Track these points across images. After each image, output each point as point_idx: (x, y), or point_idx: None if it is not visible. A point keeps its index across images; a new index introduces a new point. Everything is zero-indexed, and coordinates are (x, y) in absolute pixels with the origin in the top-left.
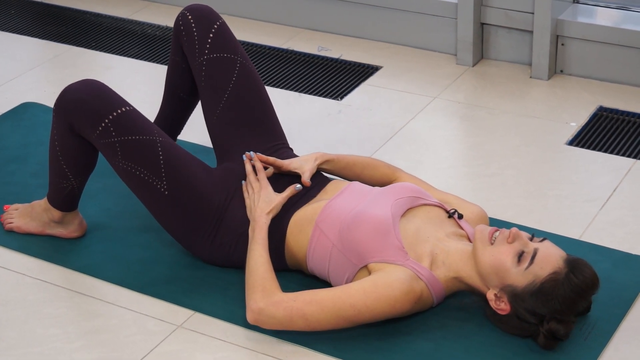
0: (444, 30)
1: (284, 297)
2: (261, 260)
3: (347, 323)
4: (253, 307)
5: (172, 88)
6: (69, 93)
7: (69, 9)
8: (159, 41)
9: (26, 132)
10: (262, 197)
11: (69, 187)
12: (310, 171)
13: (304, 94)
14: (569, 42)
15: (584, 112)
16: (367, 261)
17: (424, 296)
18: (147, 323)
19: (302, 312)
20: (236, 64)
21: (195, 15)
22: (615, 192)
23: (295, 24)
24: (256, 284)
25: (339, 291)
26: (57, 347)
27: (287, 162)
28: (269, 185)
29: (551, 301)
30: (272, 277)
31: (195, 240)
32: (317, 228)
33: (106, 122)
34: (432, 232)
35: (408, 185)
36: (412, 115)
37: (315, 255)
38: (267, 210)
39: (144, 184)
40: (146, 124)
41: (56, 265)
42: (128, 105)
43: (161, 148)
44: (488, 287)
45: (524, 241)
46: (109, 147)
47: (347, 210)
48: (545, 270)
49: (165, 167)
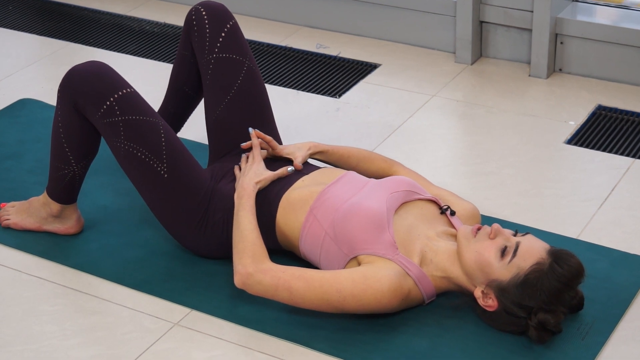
0: (442, 28)
1: (273, 266)
2: (250, 227)
3: (330, 307)
4: (242, 271)
5: (178, 83)
6: (74, 73)
7: (67, 5)
8: (157, 38)
9: (23, 128)
10: (253, 169)
11: (69, 174)
12: (302, 157)
13: (302, 92)
14: (568, 40)
15: (582, 110)
16: (357, 252)
17: (412, 294)
18: (143, 320)
19: (288, 284)
20: (244, 66)
21: (209, 12)
22: (613, 192)
23: (293, 21)
24: (246, 249)
25: (328, 274)
26: (53, 344)
27: (280, 147)
28: (262, 162)
29: (537, 292)
30: (262, 244)
31: (187, 229)
32: (311, 214)
33: (111, 101)
34: (424, 231)
35: (404, 179)
36: (411, 113)
37: (308, 241)
38: (256, 180)
39: (144, 166)
40: (149, 107)
41: (52, 262)
42: (132, 88)
43: (163, 131)
44: (475, 285)
45: (506, 236)
46: (112, 126)
47: (343, 200)
48: (528, 261)
49: (166, 150)
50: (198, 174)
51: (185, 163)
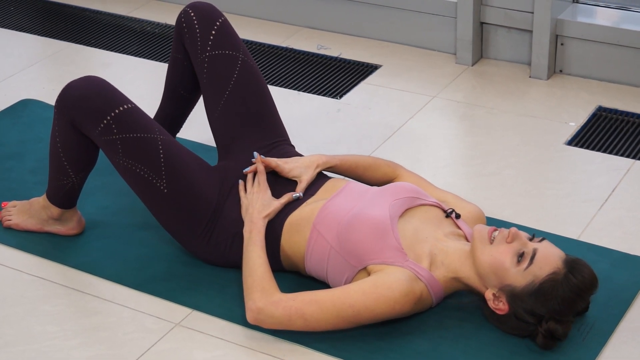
0: (443, 29)
1: (282, 296)
2: (259, 262)
3: (346, 323)
4: (252, 307)
5: (173, 85)
6: (70, 90)
7: (68, 6)
8: (157, 39)
9: (24, 129)
10: (260, 200)
11: (69, 184)
12: (307, 182)
13: (303, 93)
14: (568, 41)
15: (583, 112)
16: (366, 263)
17: (424, 297)
18: (145, 321)
19: (301, 311)
20: (238, 60)
21: (197, 13)
22: (614, 192)
23: (294, 22)
24: (255, 284)
25: (338, 292)
26: (55, 344)
27: (287, 169)
28: (268, 190)
29: (550, 301)
30: (271, 277)
31: (191, 239)
32: (315, 230)
33: (108, 120)
34: (431, 232)
35: (406, 185)
36: (411, 115)
37: (313, 258)
38: (265, 213)
39: (143, 182)
40: (148, 121)
41: (54, 263)
42: (130, 103)
43: (162, 146)
44: (486, 286)
45: (523, 241)
46: (110, 144)
47: (345, 212)
48: (544, 270)
49: (165, 166)
50: (201, 189)
51: (187, 179)
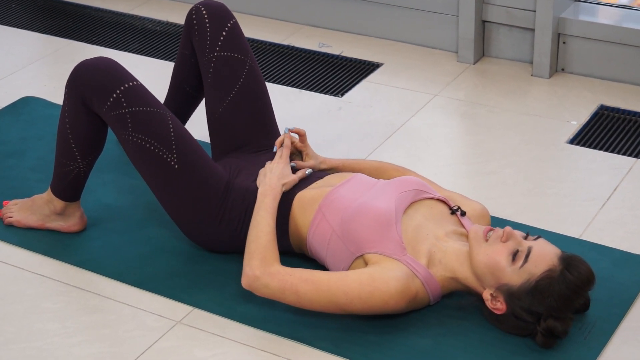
0: (445, 27)
1: (280, 269)
2: (267, 229)
3: (337, 309)
4: (249, 273)
5: (179, 81)
6: (82, 66)
7: (69, 4)
8: (159, 36)
9: (25, 126)
10: (281, 169)
11: (74, 171)
12: (315, 161)
13: (305, 91)
14: (570, 40)
15: (584, 110)
16: (363, 251)
17: (420, 295)
18: (146, 319)
19: (295, 287)
20: (245, 65)
21: (209, 12)
22: (615, 191)
23: (296, 20)
24: (257, 251)
25: (335, 277)
26: (56, 341)
27: (307, 146)
28: (289, 164)
29: (547, 299)
30: (274, 247)
31: (202, 220)
32: (320, 212)
33: (117, 93)
34: (432, 230)
35: (413, 179)
36: (413, 113)
37: (315, 238)
38: (284, 181)
39: (154, 157)
40: (156, 99)
41: (55, 260)
42: (138, 81)
43: (172, 122)
44: (484, 287)
45: (518, 240)
46: (119, 119)
47: (352, 200)
48: (539, 268)
49: (175, 140)
50: (210, 165)
51: (197, 154)
